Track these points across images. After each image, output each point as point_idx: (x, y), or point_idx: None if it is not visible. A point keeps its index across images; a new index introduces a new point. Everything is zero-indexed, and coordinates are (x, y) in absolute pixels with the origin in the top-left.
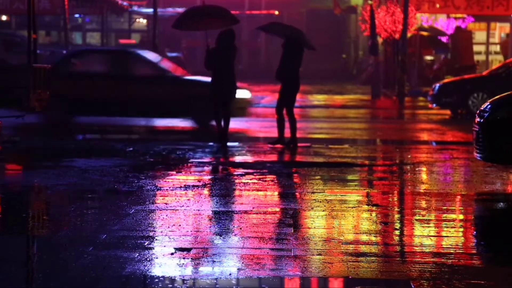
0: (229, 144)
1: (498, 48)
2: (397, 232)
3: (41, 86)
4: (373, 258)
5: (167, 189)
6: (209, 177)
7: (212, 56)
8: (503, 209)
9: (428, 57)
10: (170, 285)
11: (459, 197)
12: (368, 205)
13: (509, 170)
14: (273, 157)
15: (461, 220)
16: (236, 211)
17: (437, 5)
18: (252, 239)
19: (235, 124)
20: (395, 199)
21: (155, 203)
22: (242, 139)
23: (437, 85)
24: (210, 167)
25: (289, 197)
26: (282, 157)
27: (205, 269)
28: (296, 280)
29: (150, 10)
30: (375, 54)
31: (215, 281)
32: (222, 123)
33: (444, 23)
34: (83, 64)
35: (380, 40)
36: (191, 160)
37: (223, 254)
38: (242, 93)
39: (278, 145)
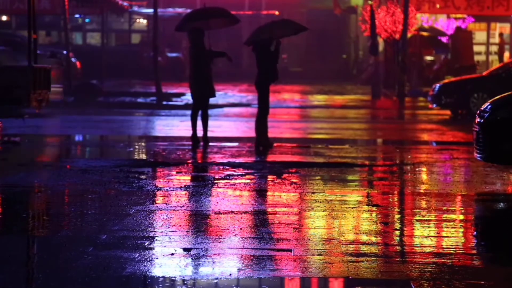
0: (229, 144)
1: (498, 48)
2: (397, 233)
3: (41, 86)
4: (373, 258)
5: (167, 189)
6: (209, 177)
7: (189, 54)
8: (503, 209)
9: (428, 57)
10: (171, 286)
11: (459, 197)
12: (368, 205)
13: (509, 170)
14: (273, 157)
15: (461, 221)
16: (236, 211)
17: (437, 6)
18: (252, 239)
19: (236, 124)
20: (395, 199)
21: (155, 203)
22: (242, 140)
23: (437, 85)
24: (210, 168)
25: (289, 197)
26: (282, 158)
27: (205, 269)
28: (296, 280)
29: (150, 10)
30: (375, 54)
31: (215, 281)
32: (201, 122)
33: (444, 23)
34: None
35: (380, 40)
36: (190, 161)
37: (223, 254)
38: None
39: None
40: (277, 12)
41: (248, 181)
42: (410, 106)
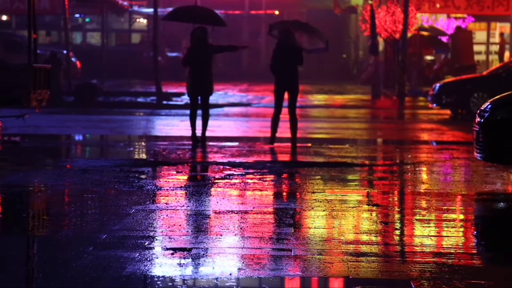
0: (230, 144)
1: (498, 48)
2: (397, 232)
3: (41, 86)
4: (374, 258)
5: (167, 189)
6: (209, 177)
7: (188, 53)
8: (503, 209)
9: (429, 57)
10: (171, 285)
11: (459, 197)
12: (368, 205)
13: (509, 170)
14: (273, 157)
15: (461, 220)
16: (236, 211)
17: (438, 5)
18: (252, 239)
19: (236, 124)
20: (395, 199)
21: (155, 203)
22: (242, 139)
23: (438, 85)
24: (210, 167)
25: (289, 197)
26: (282, 157)
27: (205, 269)
28: (296, 280)
29: (150, 10)
30: (375, 54)
31: (215, 281)
32: (201, 122)
33: (444, 23)
34: None
35: (380, 40)
36: (190, 160)
37: (223, 254)
38: None
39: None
40: (277, 12)
41: (248, 180)
42: (410, 106)
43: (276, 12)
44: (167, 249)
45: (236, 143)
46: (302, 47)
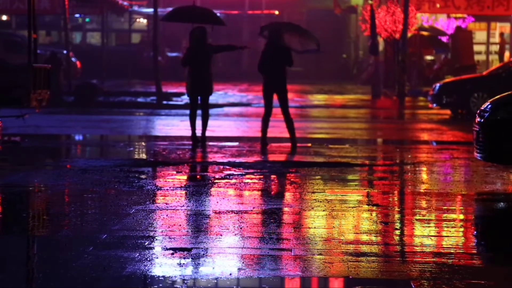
0: (230, 144)
1: (498, 48)
2: (397, 232)
3: (41, 86)
4: (374, 258)
5: (167, 189)
6: (209, 177)
7: (187, 53)
8: (503, 209)
9: (429, 57)
10: (171, 285)
11: (459, 197)
12: (368, 205)
13: (509, 170)
14: (273, 157)
15: (461, 220)
16: (236, 211)
17: (438, 5)
18: (252, 239)
19: (236, 124)
20: (396, 199)
21: (155, 202)
22: (242, 139)
23: (438, 85)
24: (210, 167)
25: (289, 197)
26: (282, 157)
27: (205, 269)
28: (296, 280)
29: (150, 10)
30: (375, 54)
31: (215, 281)
32: (201, 121)
33: (444, 23)
34: None
35: (380, 40)
36: (190, 160)
37: (223, 254)
38: None
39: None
40: (277, 12)
41: (248, 180)
42: (410, 106)
43: (276, 12)
44: (167, 249)
45: (236, 143)
46: (292, 47)
